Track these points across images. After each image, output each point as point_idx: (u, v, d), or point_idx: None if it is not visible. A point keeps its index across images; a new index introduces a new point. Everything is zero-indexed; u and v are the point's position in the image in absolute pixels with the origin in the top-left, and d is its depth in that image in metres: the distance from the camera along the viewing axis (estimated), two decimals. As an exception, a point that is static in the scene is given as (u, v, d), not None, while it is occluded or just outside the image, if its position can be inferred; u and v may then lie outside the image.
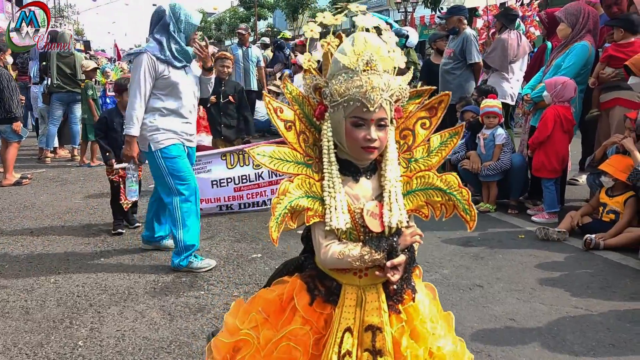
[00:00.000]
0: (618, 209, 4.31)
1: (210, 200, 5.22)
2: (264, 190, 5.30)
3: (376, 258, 1.58)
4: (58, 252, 4.37)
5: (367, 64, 1.53)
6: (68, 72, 7.96)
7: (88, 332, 3.07)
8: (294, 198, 1.57)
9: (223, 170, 5.20)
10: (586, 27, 5.09)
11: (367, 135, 1.56)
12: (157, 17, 3.81)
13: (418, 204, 1.69)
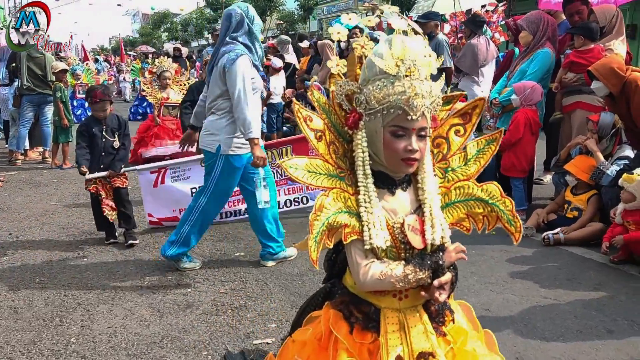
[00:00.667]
0: (581, 207, 4.57)
1: None
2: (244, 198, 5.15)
3: (421, 277, 1.47)
4: (40, 253, 4.38)
5: (409, 69, 1.42)
6: (39, 73, 7.86)
7: (79, 329, 3.13)
8: (331, 214, 1.44)
9: (202, 177, 4.94)
10: (546, 35, 5.40)
11: (409, 146, 1.45)
12: (236, 20, 3.72)
13: (459, 216, 1.60)
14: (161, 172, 4.78)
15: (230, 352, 1.91)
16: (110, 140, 4.47)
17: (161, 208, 4.81)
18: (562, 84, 5.19)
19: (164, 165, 4.87)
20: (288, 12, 40.57)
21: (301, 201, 5.09)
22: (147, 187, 4.76)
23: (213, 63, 3.76)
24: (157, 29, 63.17)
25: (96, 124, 4.49)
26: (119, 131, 4.53)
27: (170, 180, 4.77)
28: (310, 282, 3.76)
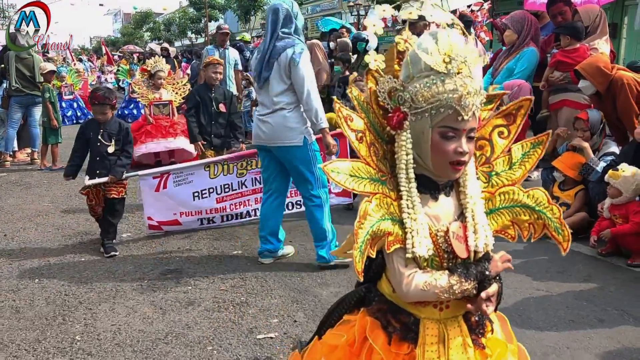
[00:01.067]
0: (569, 202, 4.70)
1: (190, 214, 4.81)
2: (247, 200, 4.92)
3: (466, 288, 1.40)
4: (37, 253, 4.39)
5: (459, 65, 1.33)
6: (27, 75, 7.81)
7: (83, 327, 3.17)
8: (375, 221, 1.36)
9: (205, 180, 4.80)
10: (530, 34, 5.56)
11: (459, 148, 1.36)
12: (283, 14, 3.78)
13: (503, 223, 1.51)
14: (164, 177, 4.67)
15: (302, 342, 1.85)
16: (105, 144, 4.28)
17: (162, 211, 4.70)
18: (549, 82, 5.33)
19: (166, 170, 4.78)
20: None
21: (303, 204, 4.91)
22: (149, 191, 4.65)
23: (267, 59, 3.77)
24: (140, 29, 62.69)
25: (93, 127, 4.34)
26: (117, 137, 4.32)
27: (173, 185, 4.69)
28: (309, 278, 3.83)
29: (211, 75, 5.50)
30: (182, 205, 4.71)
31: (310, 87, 3.74)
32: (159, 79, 7.55)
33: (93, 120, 4.41)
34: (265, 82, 3.82)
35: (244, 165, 4.86)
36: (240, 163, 4.85)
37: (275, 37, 3.77)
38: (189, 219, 4.79)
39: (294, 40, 3.76)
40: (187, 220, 4.78)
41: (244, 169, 4.86)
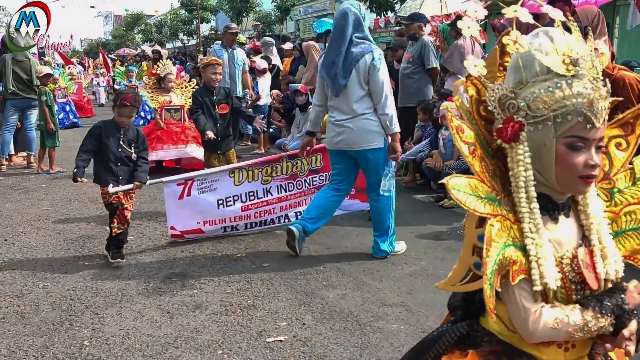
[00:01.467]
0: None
1: (214, 222, 4.62)
2: (272, 208, 4.78)
3: (603, 325, 1.21)
4: (39, 258, 4.36)
5: (585, 67, 1.19)
6: (24, 78, 7.76)
7: (91, 332, 3.14)
8: (500, 248, 1.18)
9: (230, 188, 4.64)
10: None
11: (590, 160, 1.19)
12: (352, 18, 3.88)
13: (633, 247, 1.31)
14: (188, 183, 4.52)
15: None
16: (128, 151, 4.10)
17: (185, 220, 4.53)
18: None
19: (191, 176, 4.61)
20: (265, 13, 40.53)
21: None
22: (172, 199, 4.49)
23: (343, 65, 3.86)
24: (131, 31, 62.44)
25: (113, 131, 4.11)
26: (136, 144, 4.16)
27: (197, 192, 4.53)
28: (315, 281, 3.82)
29: (210, 77, 5.34)
30: (206, 214, 4.57)
31: (388, 92, 3.90)
32: (169, 82, 7.38)
33: (110, 123, 4.16)
34: (344, 88, 3.90)
35: (268, 171, 4.72)
36: (265, 169, 4.72)
37: (350, 43, 3.86)
38: (212, 228, 4.63)
39: (370, 46, 3.87)
40: (210, 228, 4.62)
41: (269, 175, 4.73)
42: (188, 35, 50.84)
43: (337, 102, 3.99)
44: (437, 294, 3.58)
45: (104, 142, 4.06)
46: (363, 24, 3.92)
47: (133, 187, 4.10)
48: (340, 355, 2.86)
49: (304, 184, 4.85)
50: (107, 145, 4.05)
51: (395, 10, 25.46)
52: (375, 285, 3.74)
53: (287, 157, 4.77)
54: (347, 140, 3.99)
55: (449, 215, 5.33)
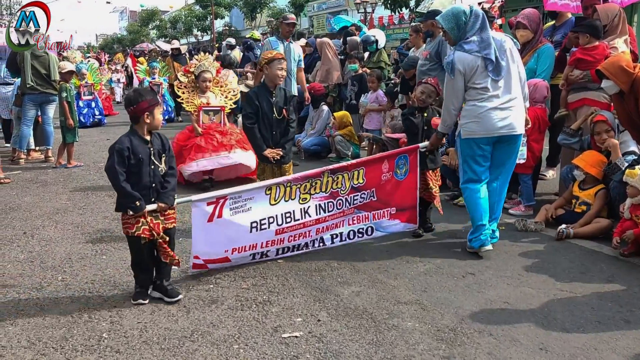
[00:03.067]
0: (589, 201, 4.68)
1: (243, 249, 4.00)
2: (308, 230, 4.19)
3: None
4: (58, 251, 4.41)
5: None
6: (43, 73, 7.84)
7: (109, 325, 3.18)
8: None
9: (265, 208, 4.02)
10: (540, 31, 5.55)
11: None
12: (481, 15, 4.06)
13: None
14: (219, 202, 3.85)
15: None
16: (158, 165, 3.44)
17: (212, 248, 3.90)
18: (569, 81, 5.30)
19: (223, 194, 3.89)
20: (279, 9, 40.56)
21: (365, 232, 4.41)
22: (200, 223, 3.81)
23: (499, 47, 4.02)
24: (146, 27, 62.84)
25: (141, 143, 3.38)
26: (164, 153, 3.50)
27: (229, 213, 3.88)
28: (329, 277, 3.83)
29: (277, 74, 4.58)
30: (235, 240, 3.95)
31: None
32: (204, 80, 6.56)
33: (133, 136, 3.39)
34: (507, 71, 4.04)
35: (307, 187, 4.15)
36: (304, 185, 4.14)
37: (492, 37, 4.05)
38: (241, 255, 4.00)
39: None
40: (238, 257, 4.00)
41: (307, 192, 4.16)
42: (202, 31, 51.03)
43: (497, 85, 4.03)
44: (452, 292, 3.58)
45: (137, 161, 3.34)
46: None
47: (157, 209, 3.42)
48: (355, 352, 2.87)
49: (345, 204, 4.27)
50: (139, 163, 3.34)
51: (410, 7, 25.40)
52: (390, 282, 3.75)
53: (329, 172, 4.21)
54: (512, 124, 4.05)
55: (464, 213, 5.27)
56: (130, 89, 10.52)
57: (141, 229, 3.36)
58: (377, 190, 4.34)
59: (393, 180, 4.40)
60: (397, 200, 4.42)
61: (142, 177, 3.36)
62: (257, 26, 40.89)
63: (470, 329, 3.10)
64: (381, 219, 4.42)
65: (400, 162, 4.39)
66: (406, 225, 4.53)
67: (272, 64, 4.60)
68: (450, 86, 4.11)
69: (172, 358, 2.83)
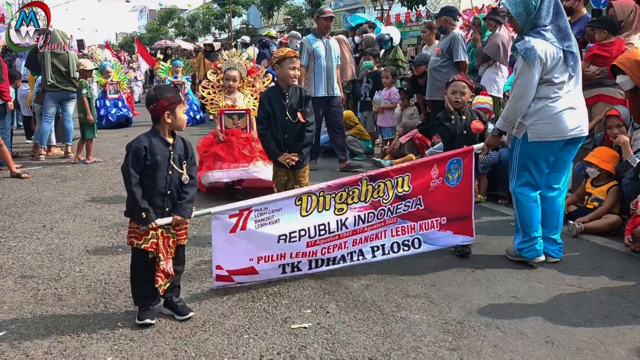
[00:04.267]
0: (602, 198, 4.67)
1: (270, 258, 3.61)
2: (344, 242, 3.75)
3: None
4: (76, 244, 4.53)
5: None
6: (63, 70, 8.01)
7: (124, 314, 3.27)
8: None
9: (295, 220, 3.61)
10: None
11: None
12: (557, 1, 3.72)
13: None
14: (243, 214, 3.48)
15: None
16: (178, 172, 3.11)
17: (235, 257, 3.54)
18: (585, 76, 5.26)
19: (246, 205, 3.51)
20: (296, 7, 40.58)
21: (412, 244, 3.92)
22: (222, 233, 3.48)
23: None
24: (164, 25, 63.39)
25: (161, 144, 3.08)
26: (187, 160, 3.16)
27: (254, 225, 3.51)
28: (339, 271, 3.86)
29: (289, 74, 4.19)
30: (261, 248, 3.58)
31: None
32: (228, 79, 5.82)
33: (155, 134, 3.11)
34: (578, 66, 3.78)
35: (343, 197, 3.69)
36: (340, 194, 3.68)
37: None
38: (268, 266, 3.61)
39: None
40: (266, 267, 3.61)
41: (344, 202, 3.69)
42: (220, 29, 51.30)
43: (571, 82, 3.73)
44: (460, 286, 3.61)
45: (153, 163, 3.02)
46: None
47: (172, 222, 3.09)
48: (362, 344, 2.92)
49: (386, 213, 3.80)
50: (156, 167, 3.02)
51: (426, 4, 25.28)
52: (399, 276, 3.78)
53: (368, 179, 3.73)
54: (581, 125, 3.76)
55: (477, 209, 5.26)
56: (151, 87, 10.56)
57: (150, 242, 3.03)
58: (425, 198, 3.85)
59: (444, 186, 3.91)
60: (448, 208, 3.93)
61: (157, 182, 3.04)
62: (274, 24, 40.97)
63: (477, 322, 3.13)
64: (430, 230, 3.91)
65: (453, 167, 3.92)
66: (460, 237, 4.02)
67: (284, 63, 4.23)
68: (527, 76, 3.63)
69: (184, 347, 2.91)
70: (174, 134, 3.16)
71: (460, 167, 3.93)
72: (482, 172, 5.68)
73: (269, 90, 4.49)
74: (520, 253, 3.92)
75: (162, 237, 3.09)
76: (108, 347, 2.91)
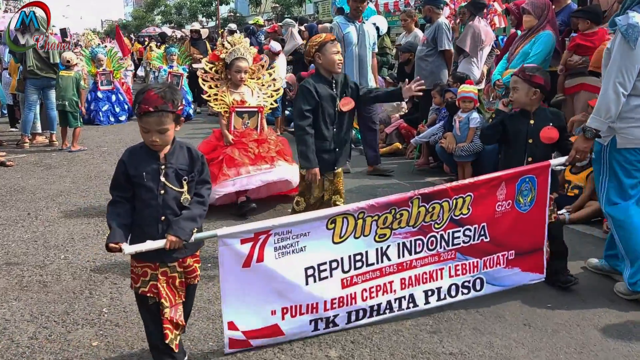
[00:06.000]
0: (581, 184, 4.75)
1: (298, 310, 2.82)
2: (389, 282, 2.98)
3: None
4: (61, 231, 4.53)
5: None
6: (44, 56, 7.93)
7: (109, 301, 3.30)
8: None
9: (326, 248, 2.83)
10: (547, 18, 5.57)
11: None
12: None
13: None
14: (259, 239, 2.66)
15: None
16: (175, 190, 2.40)
17: (252, 310, 2.74)
18: (567, 66, 5.35)
19: (264, 227, 2.68)
20: (285, -5, 40.24)
21: (473, 287, 3.18)
22: (232, 269, 2.68)
23: None
24: (151, 12, 62.64)
25: (146, 161, 2.39)
26: (191, 175, 2.44)
27: (274, 255, 2.71)
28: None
29: (334, 59, 3.56)
30: (285, 294, 2.78)
31: None
32: (239, 71, 4.91)
33: (139, 148, 2.45)
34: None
35: (388, 220, 2.90)
36: (385, 216, 2.89)
37: None
38: (297, 323, 2.83)
39: None
40: (294, 325, 2.82)
41: (388, 226, 2.91)
42: (207, 17, 50.83)
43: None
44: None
45: (135, 183, 2.38)
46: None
47: (166, 245, 2.35)
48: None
49: (439, 243, 3.04)
50: (140, 186, 2.37)
51: (415, -7, 25.24)
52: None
53: (421, 198, 2.92)
54: None
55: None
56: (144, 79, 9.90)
57: (148, 284, 2.42)
58: (490, 226, 3.11)
59: (514, 212, 3.16)
60: (518, 241, 3.21)
61: (145, 204, 2.37)
62: (261, 12, 40.67)
63: (457, 306, 3.19)
64: (495, 267, 3.19)
65: (525, 187, 3.16)
66: (529, 275, 3.31)
67: (325, 49, 3.57)
68: (627, 59, 3.00)
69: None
70: (172, 141, 2.44)
71: (534, 187, 3.18)
72: (465, 160, 5.76)
73: (313, 78, 3.68)
74: (634, 289, 3.23)
75: (164, 278, 2.43)
76: (93, 332, 2.94)
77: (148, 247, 2.35)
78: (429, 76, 6.83)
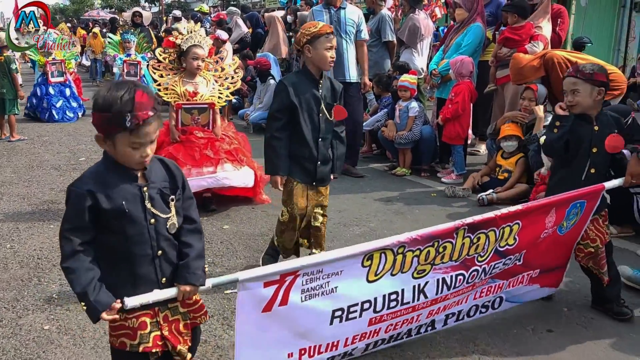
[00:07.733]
0: (511, 169, 5.12)
1: (318, 350, 2.47)
2: (417, 315, 2.64)
3: None
4: (5, 221, 4.50)
5: None
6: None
7: (59, 287, 3.36)
8: None
9: (360, 287, 2.43)
10: (477, 11, 5.92)
11: None
12: None
13: None
14: (285, 281, 2.24)
15: None
16: (162, 217, 1.88)
17: (267, 351, 2.33)
18: (497, 58, 5.70)
19: (292, 269, 2.24)
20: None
21: (491, 305, 2.97)
22: (251, 313, 2.22)
23: None
24: (90, -4, 60.37)
25: (122, 182, 1.82)
26: (177, 192, 1.93)
27: (300, 298, 2.29)
28: (271, 241, 4.07)
29: (325, 55, 3.08)
30: (306, 335, 2.41)
31: None
32: (195, 59, 4.53)
33: (107, 168, 1.84)
34: None
35: (431, 254, 2.49)
36: (427, 250, 2.48)
37: None
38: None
39: None
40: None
41: (429, 262, 2.51)
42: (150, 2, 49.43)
43: None
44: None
45: (109, 217, 1.79)
46: None
47: (179, 296, 1.93)
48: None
49: (479, 275, 2.70)
50: (121, 219, 1.81)
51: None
52: (327, 244, 4.02)
53: (467, 228, 2.54)
54: None
55: (401, 182, 5.72)
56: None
57: (151, 337, 1.89)
58: (528, 252, 2.83)
59: (553, 236, 2.88)
60: (546, 260, 2.98)
61: (132, 242, 1.83)
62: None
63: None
64: (517, 286, 2.97)
65: (573, 212, 2.85)
66: (546, 289, 3.14)
67: (318, 42, 3.08)
68: None
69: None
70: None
71: (581, 211, 2.86)
72: (405, 147, 6.04)
73: (294, 75, 3.32)
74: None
75: (166, 324, 1.94)
76: (44, 317, 3.01)
77: (156, 297, 1.87)
78: (373, 66, 7.07)
